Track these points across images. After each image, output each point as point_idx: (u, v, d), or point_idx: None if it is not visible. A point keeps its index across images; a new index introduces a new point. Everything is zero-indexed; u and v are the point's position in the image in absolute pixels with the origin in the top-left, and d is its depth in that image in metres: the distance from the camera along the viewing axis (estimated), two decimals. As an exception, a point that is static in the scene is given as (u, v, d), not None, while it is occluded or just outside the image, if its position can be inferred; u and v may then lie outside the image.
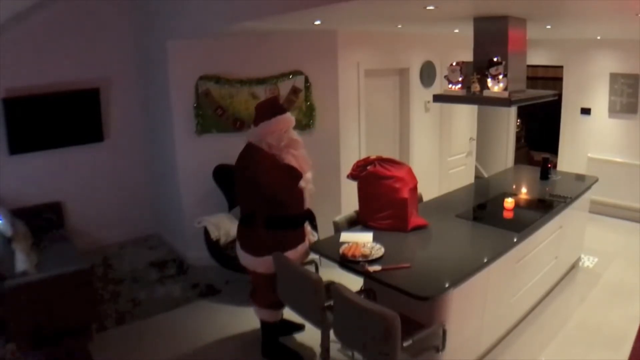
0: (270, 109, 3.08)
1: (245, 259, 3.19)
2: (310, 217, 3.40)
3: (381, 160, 3.37)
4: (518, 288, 3.47)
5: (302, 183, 3.06)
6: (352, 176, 3.46)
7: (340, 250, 2.92)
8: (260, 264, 3.11)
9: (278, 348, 3.33)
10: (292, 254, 3.08)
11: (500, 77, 3.42)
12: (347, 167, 4.49)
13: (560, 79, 6.33)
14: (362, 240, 3.03)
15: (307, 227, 3.30)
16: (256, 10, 3.24)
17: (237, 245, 3.26)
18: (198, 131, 4.54)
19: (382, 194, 3.27)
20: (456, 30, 4.82)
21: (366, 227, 3.32)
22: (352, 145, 4.79)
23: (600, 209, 5.71)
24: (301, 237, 3.19)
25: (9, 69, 4.40)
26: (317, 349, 3.10)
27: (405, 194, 3.22)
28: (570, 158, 6.26)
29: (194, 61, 4.43)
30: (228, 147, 4.53)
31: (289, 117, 3.11)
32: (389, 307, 2.29)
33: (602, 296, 4.09)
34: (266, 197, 2.99)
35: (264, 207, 3.05)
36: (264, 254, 3.06)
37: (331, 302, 2.60)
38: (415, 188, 3.35)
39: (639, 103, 5.61)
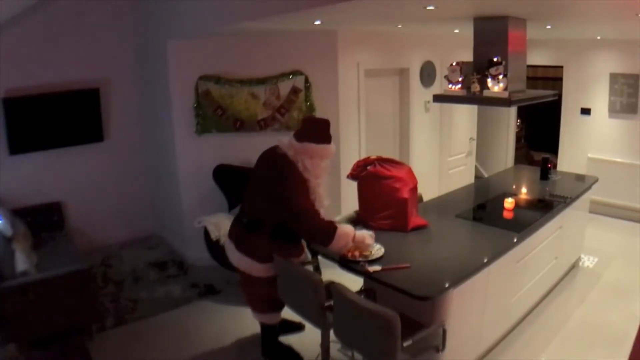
0: (320, 133, 2.94)
1: (243, 261, 3.10)
2: None
3: (381, 160, 3.37)
4: (518, 288, 3.47)
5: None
6: (352, 176, 3.46)
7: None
8: (258, 269, 3.06)
9: (278, 348, 3.33)
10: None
11: (500, 77, 3.42)
12: (347, 167, 4.49)
13: (560, 79, 6.33)
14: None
15: (304, 244, 3.24)
16: (256, 10, 3.24)
17: (232, 245, 3.16)
18: (198, 131, 4.54)
19: (382, 194, 3.27)
20: (456, 30, 4.82)
21: (366, 227, 3.32)
22: (352, 145, 4.80)
23: (600, 209, 5.71)
24: (301, 249, 3.19)
25: (9, 69, 4.39)
26: (317, 349, 3.10)
27: (406, 194, 3.22)
28: (570, 158, 6.26)
29: (194, 61, 4.43)
30: (228, 147, 4.56)
31: (333, 148, 3.01)
32: (389, 307, 2.29)
33: (602, 296, 4.09)
34: (289, 214, 2.85)
35: (275, 218, 2.95)
36: (266, 261, 3.02)
37: (331, 302, 2.60)
38: (415, 188, 3.35)
39: (639, 103, 5.62)
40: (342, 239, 2.80)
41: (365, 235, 2.90)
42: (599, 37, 5.70)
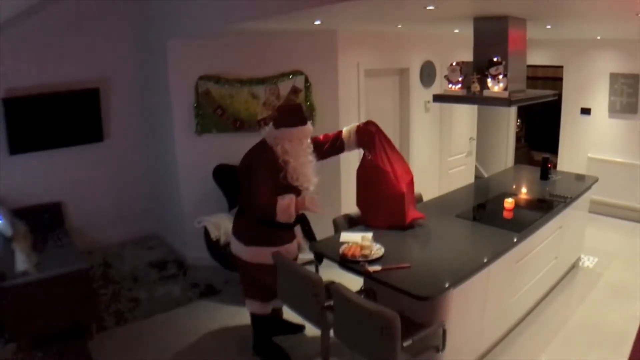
0: (294, 117, 3.10)
1: (235, 244, 3.25)
2: (302, 222, 3.40)
3: (382, 136, 3.40)
4: (518, 288, 3.47)
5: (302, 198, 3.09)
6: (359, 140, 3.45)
7: (340, 250, 2.92)
8: (246, 252, 3.16)
9: (269, 346, 3.34)
10: (283, 250, 3.12)
11: (500, 77, 3.42)
12: (347, 167, 4.51)
13: (560, 79, 6.33)
14: (362, 241, 3.03)
15: (298, 231, 3.34)
16: (256, 10, 3.24)
17: (231, 231, 3.33)
18: (198, 131, 4.54)
19: (380, 188, 3.30)
20: (456, 30, 4.82)
21: (367, 227, 3.32)
22: (352, 145, 4.79)
23: (600, 209, 5.71)
24: (292, 236, 3.25)
25: (9, 69, 4.39)
26: (317, 349, 3.10)
27: (403, 188, 3.25)
28: (570, 158, 6.26)
29: (194, 61, 4.43)
30: (228, 147, 4.55)
31: (309, 128, 3.16)
32: (389, 307, 2.29)
33: (602, 296, 4.09)
34: (254, 208, 3.07)
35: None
36: (253, 244, 3.13)
37: (331, 302, 2.60)
38: (411, 182, 3.39)
39: (639, 103, 5.61)
40: (285, 208, 2.98)
41: (307, 196, 3.09)
42: (599, 37, 5.70)
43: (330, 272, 3.20)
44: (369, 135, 3.38)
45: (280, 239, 3.15)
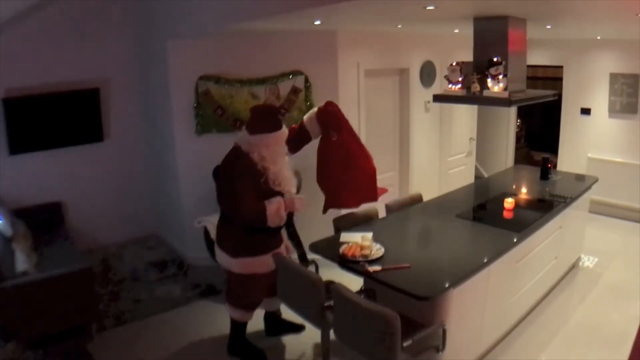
0: (269, 122, 3.05)
1: (221, 257, 3.21)
2: (287, 224, 3.38)
3: (343, 115, 3.44)
4: (518, 288, 3.47)
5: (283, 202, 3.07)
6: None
7: (340, 250, 2.92)
8: (235, 265, 3.13)
9: (244, 346, 3.34)
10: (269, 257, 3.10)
11: (500, 77, 3.42)
12: (347, 167, 4.48)
13: (560, 79, 6.33)
14: (362, 241, 3.03)
15: (283, 233, 3.33)
16: (256, 10, 3.24)
17: (215, 242, 3.27)
18: (198, 131, 4.54)
19: (352, 167, 3.35)
20: (456, 30, 4.82)
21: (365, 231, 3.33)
22: (352, 145, 4.79)
23: (600, 209, 5.71)
24: (280, 240, 3.23)
25: (9, 69, 4.39)
26: (317, 349, 3.10)
27: (373, 165, 3.31)
28: (570, 158, 6.27)
29: (194, 61, 4.43)
30: (228, 147, 4.53)
31: (285, 132, 3.13)
32: (389, 307, 2.29)
33: (602, 296, 4.09)
34: (227, 203, 3.05)
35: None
36: (240, 255, 3.09)
37: (331, 302, 2.60)
38: None
39: (639, 103, 5.62)
40: (275, 212, 2.97)
41: (294, 197, 3.10)
42: (599, 37, 5.70)
43: (330, 272, 3.20)
44: (331, 115, 3.38)
45: (269, 245, 3.12)
